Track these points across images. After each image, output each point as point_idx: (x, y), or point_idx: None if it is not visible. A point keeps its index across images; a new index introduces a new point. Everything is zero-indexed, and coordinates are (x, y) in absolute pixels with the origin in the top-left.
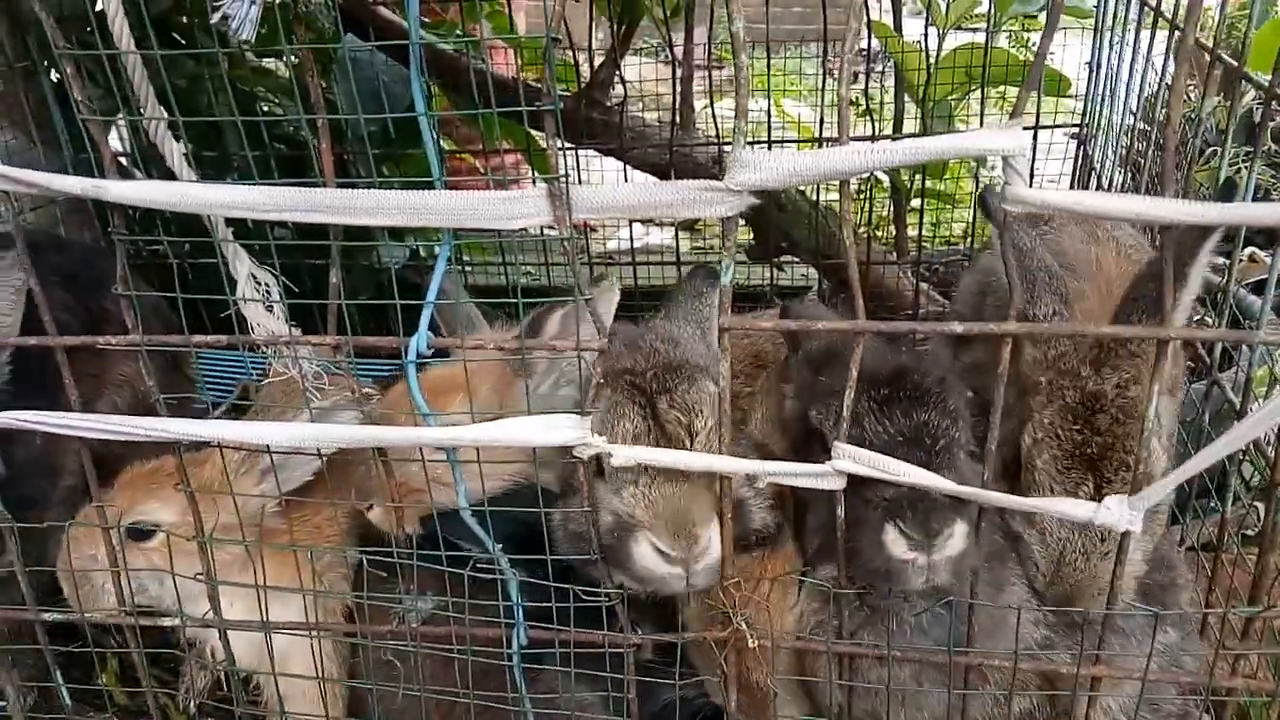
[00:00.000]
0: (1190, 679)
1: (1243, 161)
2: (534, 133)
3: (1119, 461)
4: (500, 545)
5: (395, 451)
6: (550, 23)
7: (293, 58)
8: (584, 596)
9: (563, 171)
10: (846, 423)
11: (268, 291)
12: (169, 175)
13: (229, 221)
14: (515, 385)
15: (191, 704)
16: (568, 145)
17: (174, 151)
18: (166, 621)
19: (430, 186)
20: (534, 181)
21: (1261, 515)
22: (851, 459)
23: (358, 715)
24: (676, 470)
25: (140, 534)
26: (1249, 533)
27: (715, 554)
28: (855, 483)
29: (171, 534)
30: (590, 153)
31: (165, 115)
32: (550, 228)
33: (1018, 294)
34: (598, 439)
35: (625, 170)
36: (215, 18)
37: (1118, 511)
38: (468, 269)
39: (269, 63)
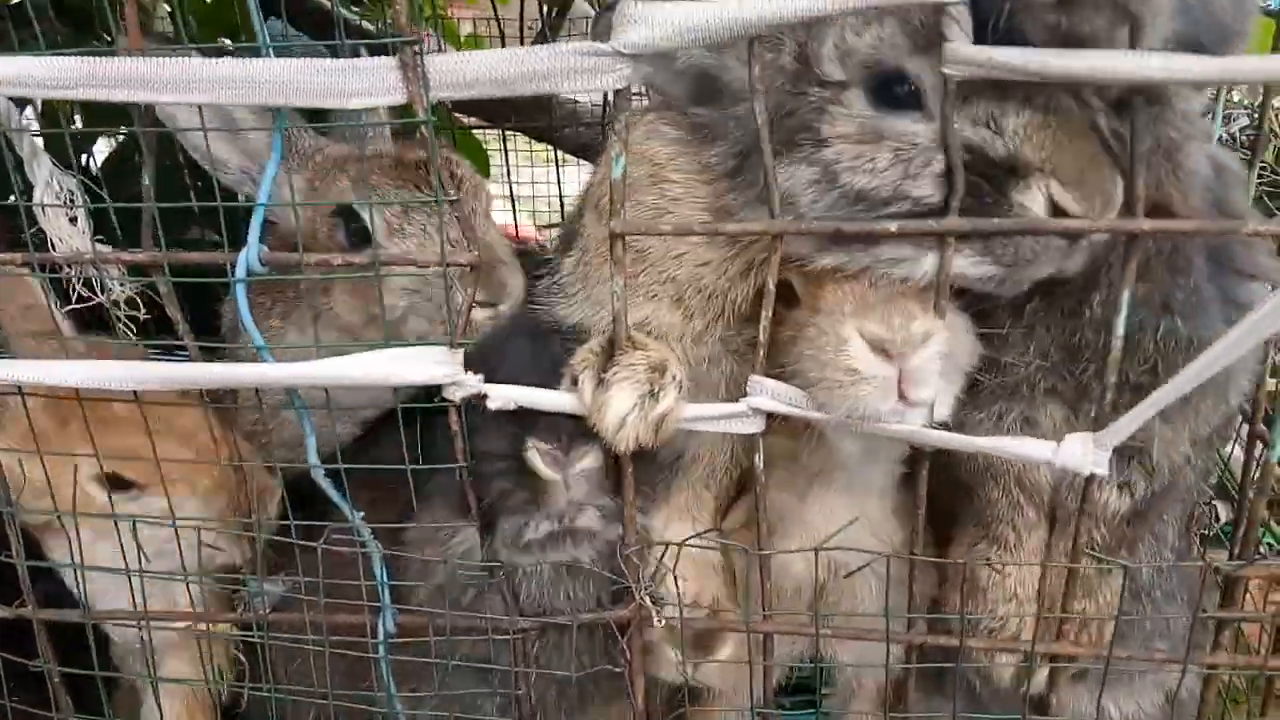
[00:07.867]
0: (1164, 655)
1: None
2: (457, 115)
3: None
4: None
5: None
6: None
7: None
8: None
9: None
10: None
11: (70, 200)
12: None
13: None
14: None
15: None
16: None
17: None
18: None
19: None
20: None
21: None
22: (769, 395)
23: None
24: None
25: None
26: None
27: None
28: None
29: None
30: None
31: None
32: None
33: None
34: (471, 377)
35: (555, 154)
36: None
37: (1080, 452)
38: None
39: None
